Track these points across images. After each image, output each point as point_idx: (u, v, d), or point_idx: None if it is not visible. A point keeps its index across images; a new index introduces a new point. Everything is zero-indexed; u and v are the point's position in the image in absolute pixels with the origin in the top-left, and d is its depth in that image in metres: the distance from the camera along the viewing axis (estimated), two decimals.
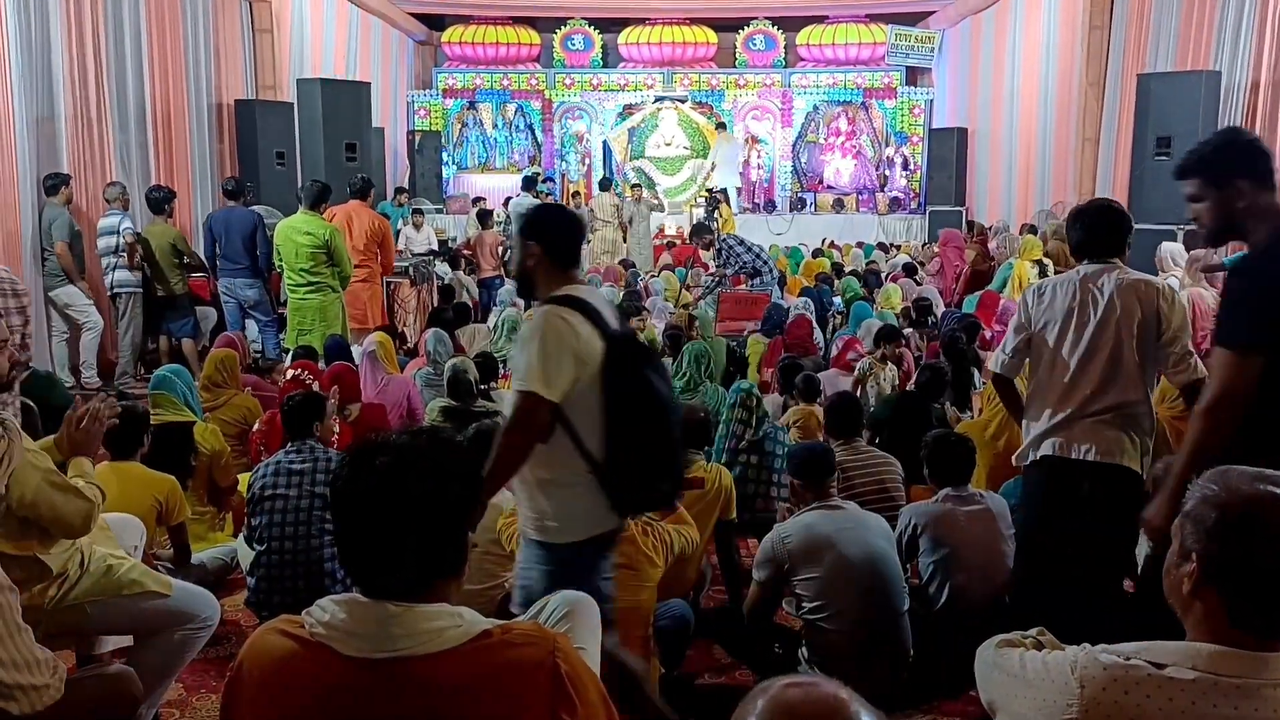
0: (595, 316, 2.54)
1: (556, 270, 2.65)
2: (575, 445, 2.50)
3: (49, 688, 2.19)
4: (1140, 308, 2.97)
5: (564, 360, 2.46)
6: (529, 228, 2.69)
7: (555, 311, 2.51)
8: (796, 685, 1.04)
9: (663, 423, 2.54)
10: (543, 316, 2.52)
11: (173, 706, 3.21)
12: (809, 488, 3.38)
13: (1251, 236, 2.57)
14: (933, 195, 16.42)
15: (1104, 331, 2.99)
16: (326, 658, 1.42)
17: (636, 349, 2.63)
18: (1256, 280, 2.48)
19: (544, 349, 2.46)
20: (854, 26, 17.64)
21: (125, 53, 8.52)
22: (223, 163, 10.43)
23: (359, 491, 1.45)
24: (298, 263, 6.92)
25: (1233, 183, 2.54)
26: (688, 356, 5.72)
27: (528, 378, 2.45)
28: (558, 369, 2.45)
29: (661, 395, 2.56)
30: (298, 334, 7.02)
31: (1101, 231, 3.16)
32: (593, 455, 2.50)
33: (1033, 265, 9.37)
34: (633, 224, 12.63)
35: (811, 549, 3.17)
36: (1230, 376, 2.41)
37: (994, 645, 1.68)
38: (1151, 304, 2.98)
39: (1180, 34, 9.66)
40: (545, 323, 2.50)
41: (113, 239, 7.51)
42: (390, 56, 16.56)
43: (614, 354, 2.52)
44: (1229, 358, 2.42)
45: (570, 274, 2.67)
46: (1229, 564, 1.41)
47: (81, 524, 2.67)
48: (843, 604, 3.12)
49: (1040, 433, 3.07)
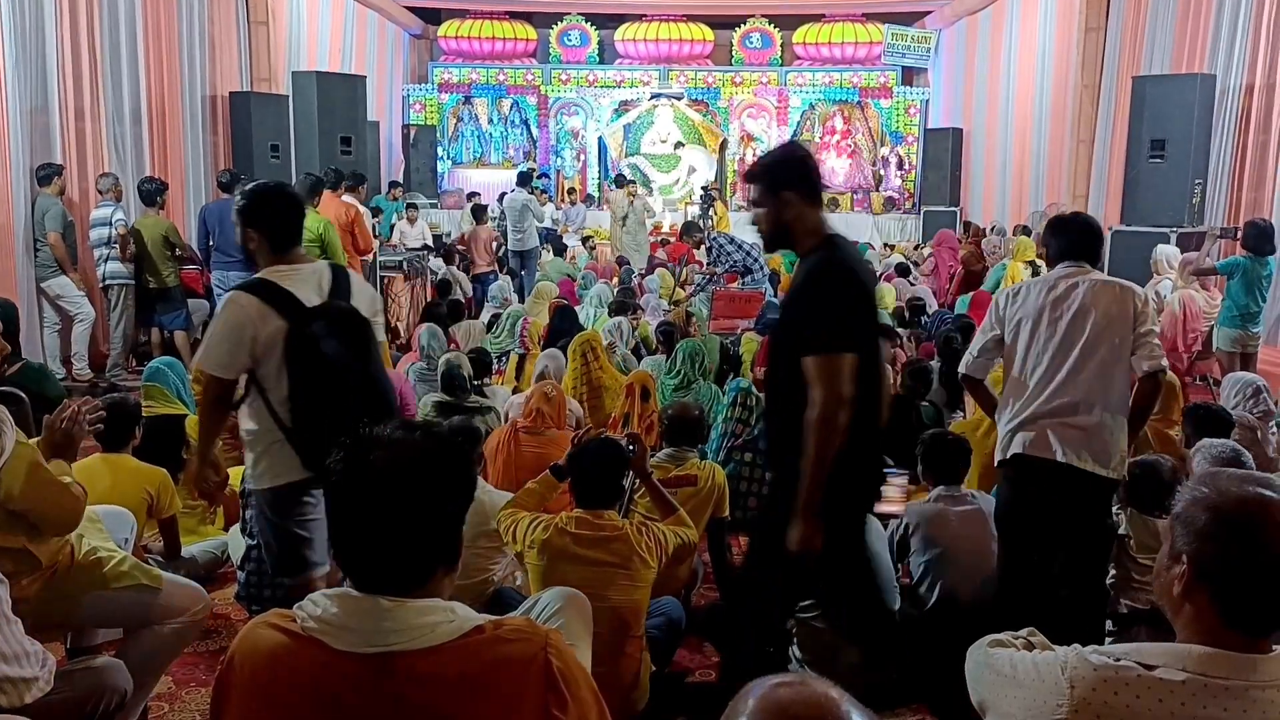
0: (281, 298, 2.82)
1: (272, 253, 2.94)
2: (268, 409, 2.85)
3: (38, 680, 2.19)
4: (1114, 305, 3.03)
5: (234, 340, 2.81)
6: (247, 215, 2.98)
7: (234, 297, 2.86)
8: (787, 685, 1.04)
9: (338, 389, 2.81)
10: (224, 301, 2.91)
11: (162, 700, 3.20)
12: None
13: (799, 246, 2.74)
14: (927, 195, 16.45)
15: (1077, 326, 3.04)
16: (318, 652, 1.41)
17: (317, 326, 2.83)
18: (823, 289, 2.63)
19: (216, 331, 2.87)
20: (850, 25, 17.65)
21: (120, 43, 8.48)
22: (217, 155, 10.39)
23: (352, 486, 1.45)
24: None
25: (781, 194, 2.67)
26: (682, 354, 5.72)
27: (203, 358, 2.88)
28: (225, 349, 2.82)
29: (338, 365, 2.83)
30: None
31: (1084, 241, 3.23)
32: (280, 417, 2.84)
33: (1026, 266, 9.40)
34: (628, 221, 12.64)
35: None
36: (831, 380, 2.49)
37: (984, 645, 1.68)
38: (1125, 302, 3.04)
39: (1175, 37, 9.69)
40: (224, 308, 2.89)
41: (105, 230, 7.49)
42: (386, 50, 16.52)
43: (292, 332, 2.80)
44: (826, 362, 2.50)
45: (285, 256, 2.94)
46: (1220, 563, 1.41)
47: (72, 521, 2.67)
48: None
49: (1010, 429, 3.13)
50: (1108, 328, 3.02)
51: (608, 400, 5.63)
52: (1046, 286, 3.14)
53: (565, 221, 15.44)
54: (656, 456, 3.91)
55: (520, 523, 3.08)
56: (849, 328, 2.55)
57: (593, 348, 5.79)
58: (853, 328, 2.55)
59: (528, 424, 4.53)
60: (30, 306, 7.16)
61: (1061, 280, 3.12)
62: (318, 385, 2.80)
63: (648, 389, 5.21)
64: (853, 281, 2.65)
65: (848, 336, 2.53)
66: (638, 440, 3.35)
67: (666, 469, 3.80)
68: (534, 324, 7.59)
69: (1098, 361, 3.01)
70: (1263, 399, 4.78)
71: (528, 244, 11.40)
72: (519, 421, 4.60)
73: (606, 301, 8.46)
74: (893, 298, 9.61)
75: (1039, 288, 3.16)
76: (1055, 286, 3.12)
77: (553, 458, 3.69)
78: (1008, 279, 9.45)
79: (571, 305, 8.27)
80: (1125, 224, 9.18)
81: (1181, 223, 8.69)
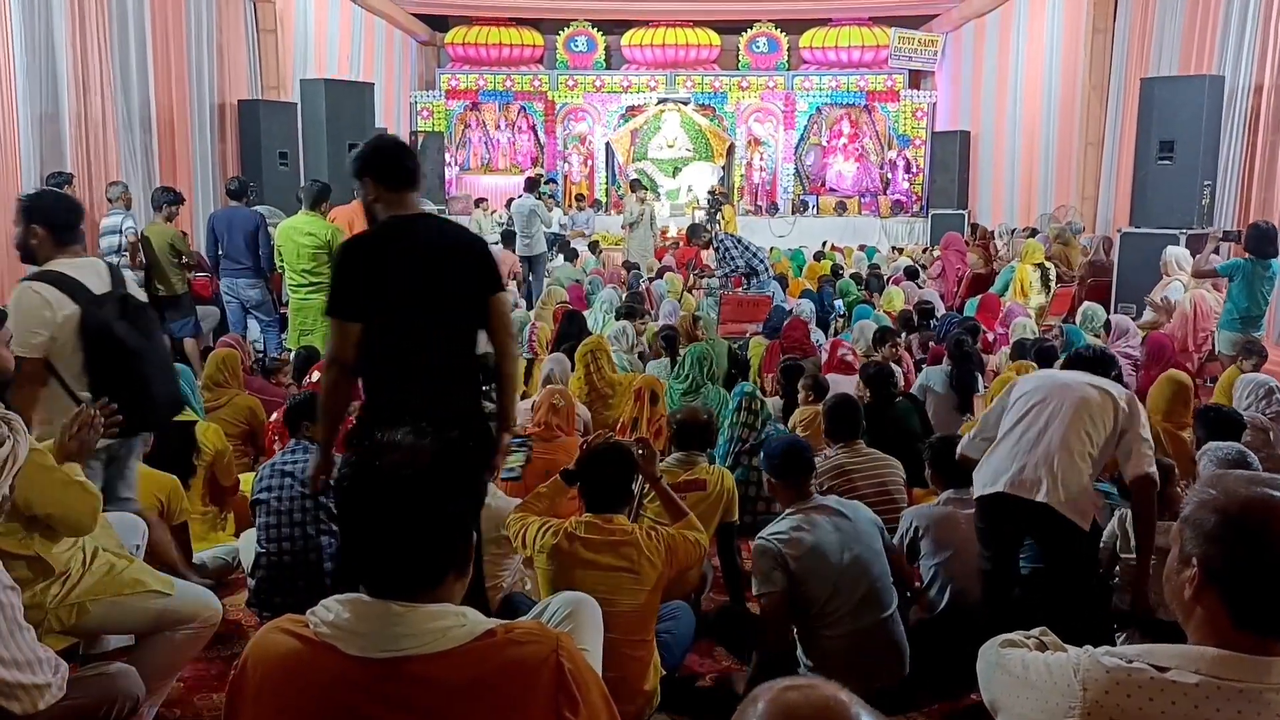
0: (72, 286, 3.21)
1: (55, 247, 3.32)
2: (65, 390, 3.21)
3: (50, 687, 2.20)
4: (1100, 406, 3.16)
5: (36, 322, 3.16)
6: (31, 213, 3.33)
7: (29, 285, 3.20)
8: (796, 688, 1.04)
9: (132, 368, 3.25)
10: (21, 290, 3.21)
11: (173, 705, 3.21)
12: (788, 487, 3.27)
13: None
14: (935, 198, 16.43)
15: (1060, 416, 3.17)
16: (330, 657, 1.42)
17: (107, 310, 3.26)
18: (337, 265, 3.02)
19: (18, 318, 3.17)
20: (857, 29, 17.66)
21: (129, 52, 8.53)
22: (225, 162, 10.44)
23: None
24: (299, 263, 6.93)
25: (362, 178, 3.01)
26: (690, 358, 5.72)
27: (13, 343, 3.15)
28: (29, 331, 3.15)
29: (129, 347, 3.26)
30: (299, 334, 7.02)
31: (1097, 366, 3.46)
32: (78, 397, 3.17)
33: (1034, 269, 9.37)
34: (636, 226, 12.66)
35: (802, 557, 3.09)
36: (334, 340, 2.90)
37: (996, 645, 1.68)
38: (1109, 409, 3.16)
39: (1183, 38, 9.66)
40: (22, 295, 3.19)
41: (115, 238, 7.52)
42: (394, 57, 16.58)
43: (85, 316, 3.20)
44: (332, 325, 2.90)
45: (67, 249, 3.33)
46: (1230, 565, 1.41)
47: (89, 521, 2.68)
48: (834, 608, 3.07)
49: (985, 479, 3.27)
50: (1091, 422, 3.14)
51: (616, 404, 5.63)
52: (1049, 379, 3.38)
53: (573, 226, 15.47)
54: (666, 461, 3.91)
55: (530, 527, 3.08)
56: (343, 298, 2.89)
57: (595, 356, 5.77)
58: (349, 298, 2.87)
59: (538, 431, 4.54)
60: None
61: (1062, 377, 3.37)
62: (112, 362, 3.22)
63: (656, 393, 5.21)
64: (351, 259, 2.94)
65: (344, 306, 2.88)
66: (647, 445, 3.34)
67: (675, 473, 3.80)
68: (542, 329, 7.59)
69: (1072, 450, 3.12)
70: (1274, 399, 4.76)
71: (535, 249, 11.41)
72: (529, 428, 4.61)
73: (615, 307, 8.46)
74: (901, 300, 9.60)
75: (1044, 379, 3.40)
76: (1055, 379, 3.36)
77: (563, 463, 3.68)
78: (1016, 281, 9.42)
79: (579, 311, 8.27)
80: (1134, 225, 9.16)
81: (1191, 224, 8.66)
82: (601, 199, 17.93)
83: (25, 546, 2.60)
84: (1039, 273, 9.35)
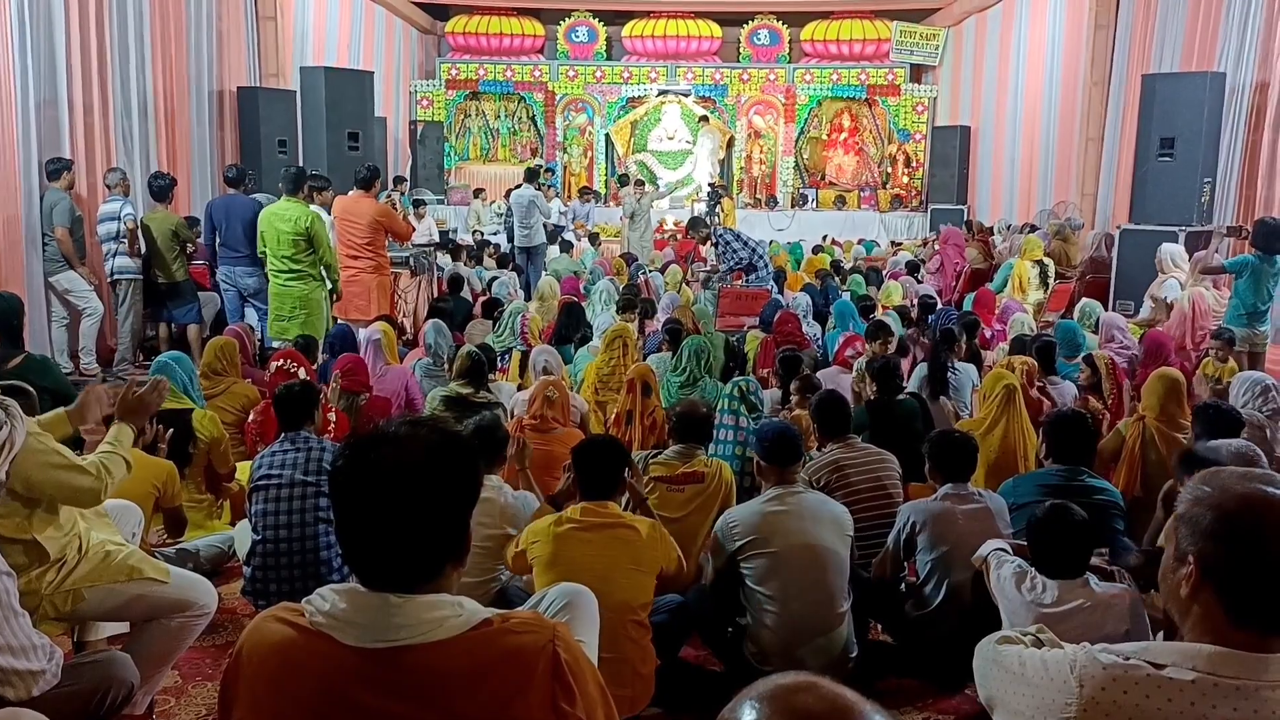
0: None
1: None
2: None
3: (45, 673, 2.19)
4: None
5: None
6: None
7: None
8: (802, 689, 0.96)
9: None
10: None
11: (169, 694, 3.21)
12: (773, 469, 3.38)
13: None
14: (935, 193, 16.42)
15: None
16: (326, 646, 1.41)
17: None
18: None
19: None
20: (858, 22, 17.61)
21: (129, 38, 8.49)
22: (225, 150, 10.40)
23: (360, 483, 1.44)
24: (279, 250, 6.91)
25: None
26: (687, 351, 5.71)
27: None
28: None
29: None
30: (275, 320, 7.01)
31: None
32: None
33: (1033, 265, 9.37)
34: (635, 218, 12.65)
35: (756, 536, 3.22)
36: None
37: (993, 642, 1.68)
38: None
39: (1185, 34, 9.65)
40: None
41: (113, 225, 7.50)
42: (394, 46, 16.52)
43: None
44: None
45: None
46: (1226, 562, 1.41)
47: (92, 497, 2.70)
48: (781, 595, 3.16)
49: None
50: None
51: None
52: None
53: (574, 217, 15.46)
54: (665, 454, 3.92)
55: (523, 533, 3.14)
56: None
57: (625, 342, 5.85)
58: None
59: (533, 423, 4.54)
60: (39, 301, 7.18)
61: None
62: None
63: (649, 384, 5.20)
64: None
65: None
66: (633, 465, 3.40)
67: (674, 466, 3.81)
68: (533, 319, 7.58)
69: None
70: (1272, 397, 4.76)
71: (534, 240, 11.40)
72: (525, 419, 4.61)
73: (613, 298, 8.45)
74: (899, 295, 9.59)
75: None
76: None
77: (559, 455, 3.70)
78: (1014, 277, 9.42)
79: (579, 303, 8.26)
80: (1134, 222, 9.16)
81: (1190, 221, 8.66)
82: (601, 191, 17.90)
83: (22, 531, 2.60)
84: (1037, 269, 9.35)
